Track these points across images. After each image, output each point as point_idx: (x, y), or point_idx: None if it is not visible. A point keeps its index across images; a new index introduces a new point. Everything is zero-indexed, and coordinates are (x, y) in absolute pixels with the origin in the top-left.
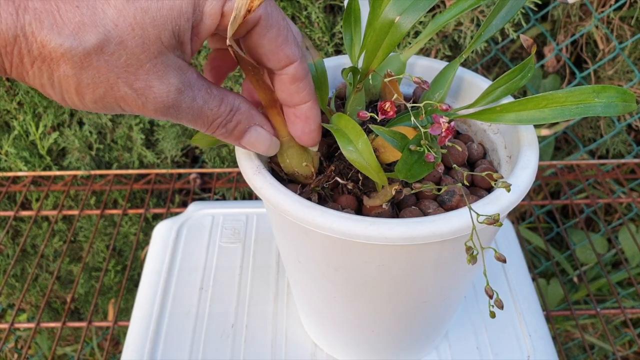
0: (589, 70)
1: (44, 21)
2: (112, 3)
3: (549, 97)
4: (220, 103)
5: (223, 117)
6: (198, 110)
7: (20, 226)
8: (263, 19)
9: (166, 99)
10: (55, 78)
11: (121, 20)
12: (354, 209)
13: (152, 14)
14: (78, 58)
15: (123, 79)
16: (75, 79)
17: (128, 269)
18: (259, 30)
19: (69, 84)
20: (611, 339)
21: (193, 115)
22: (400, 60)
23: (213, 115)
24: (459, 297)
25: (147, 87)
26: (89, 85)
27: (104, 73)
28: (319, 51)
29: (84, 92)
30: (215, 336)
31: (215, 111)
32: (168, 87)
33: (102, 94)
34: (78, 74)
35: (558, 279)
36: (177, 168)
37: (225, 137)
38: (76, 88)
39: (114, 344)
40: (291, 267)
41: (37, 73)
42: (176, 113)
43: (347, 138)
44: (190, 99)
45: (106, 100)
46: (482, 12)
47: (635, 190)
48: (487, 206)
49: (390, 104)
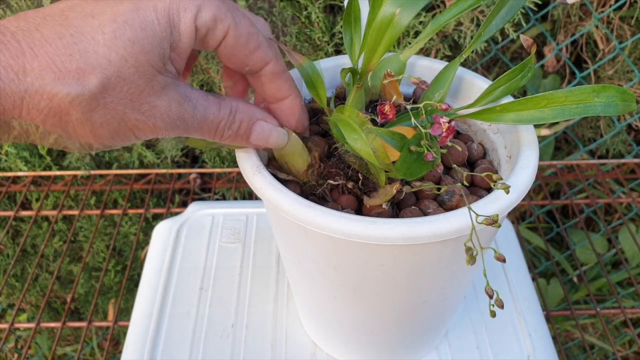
0: (589, 70)
1: (45, 77)
2: (101, 42)
3: (549, 97)
4: (219, 107)
5: (225, 118)
6: (201, 117)
7: (20, 226)
8: (231, 30)
9: (170, 112)
10: (70, 128)
11: (113, 55)
12: (354, 209)
13: (139, 44)
14: (86, 102)
15: (130, 107)
16: (89, 123)
17: (128, 269)
18: (230, 40)
19: (84, 129)
20: (611, 339)
21: (198, 123)
22: (400, 60)
23: (216, 119)
24: (459, 297)
25: (152, 107)
26: (102, 125)
27: (112, 108)
28: (318, 51)
29: (100, 132)
30: (215, 336)
31: (216, 114)
32: (169, 102)
33: (116, 128)
34: (90, 117)
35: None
36: (177, 168)
37: (234, 140)
38: (91, 130)
39: (114, 344)
40: (291, 267)
41: (51, 128)
42: (183, 125)
43: (351, 127)
44: (191, 108)
45: (121, 132)
46: (482, 12)
47: (635, 190)
48: (487, 206)
49: (389, 106)
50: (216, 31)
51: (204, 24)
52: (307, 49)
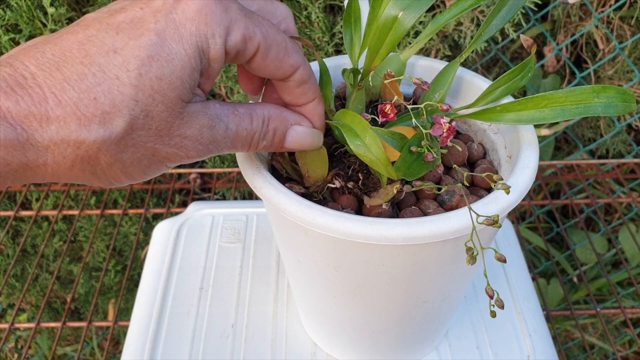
0: (589, 70)
1: (70, 125)
2: (127, 82)
3: (549, 97)
4: (251, 120)
5: (259, 131)
6: (234, 135)
7: (20, 226)
8: (261, 45)
9: (202, 138)
10: (99, 171)
11: (140, 94)
12: (354, 209)
13: (167, 79)
14: (114, 145)
15: (160, 143)
16: (119, 164)
17: (128, 269)
18: (261, 55)
19: (114, 171)
20: (611, 339)
21: (232, 142)
22: (400, 60)
23: (249, 134)
24: (459, 297)
25: (183, 139)
26: (132, 163)
27: (141, 146)
28: (318, 51)
29: (131, 171)
30: (215, 336)
31: (249, 129)
32: (200, 129)
33: (147, 164)
34: (119, 158)
35: (558, 279)
36: (177, 168)
37: (269, 149)
38: (122, 170)
39: (114, 344)
40: (291, 267)
41: (80, 174)
42: (216, 146)
43: (354, 132)
44: (223, 129)
45: (153, 166)
46: (482, 12)
47: (635, 190)
48: (487, 206)
49: (390, 107)
50: (247, 51)
51: (234, 47)
52: (307, 49)
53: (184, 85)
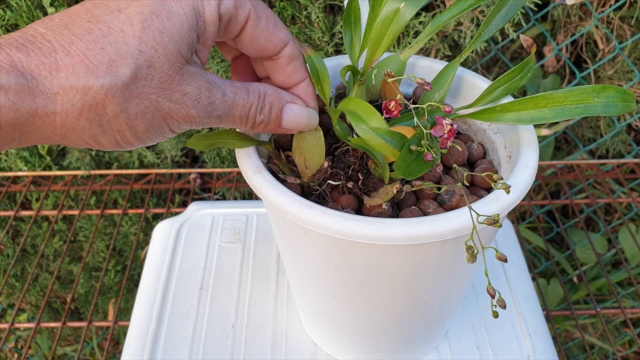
0: (589, 70)
1: (78, 72)
2: (131, 34)
3: (548, 97)
4: (247, 92)
5: (256, 103)
6: (231, 102)
7: (20, 226)
8: (252, 14)
9: (201, 99)
10: (105, 121)
11: (143, 45)
12: (354, 208)
13: (168, 33)
14: (121, 92)
15: (162, 96)
16: (125, 114)
17: (128, 269)
18: (252, 24)
19: (119, 122)
20: (611, 339)
21: (229, 108)
22: (400, 60)
23: (246, 104)
24: (459, 297)
25: (183, 95)
26: (137, 115)
27: (146, 97)
28: (318, 51)
29: (135, 123)
30: (215, 336)
31: (246, 99)
32: (199, 88)
33: (151, 119)
34: (125, 108)
35: (558, 279)
36: (177, 168)
37: (266, 127)
38: (127, 122)
39: (114, 344)
40: (291, 267)
41: (87, 125)
42: (215, 111)
43: (360, 117)
44: (221, 94)
45: (155, 122)
46: (482, 12)
47: (635, 190)
48: (487, 206)
49: (395, 103)
50: (238, 17)
51: (227, 12)
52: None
53: (183, 40)
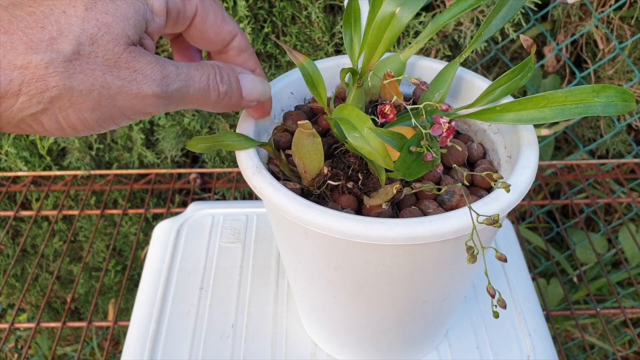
0: (589, 70)
1: (17, 48)
2: (73, 14)
3: (548, 97)
4: (200, 65)
5: (212, 73)
6: (186, 75)
7: (20, 226)
8: (199, 8)
9: (153, 73)
10: (47, 99)
11: (86, 24)
12: (354, 209)
13: (112, 14)
14: (62, 67)
15: (109, 73)
16: (67, 91)
17: (128, 269)
18: (200, 19)
19: (62, 100)
20: (611, 339)
21: (185, 81)
22: (400, 60)
23: (203, 75)
24: (459, 296)
25: (132, 71)
26: (82, 93)
27: (89, 73)
28: (318, 51)
29: (79, 101)
30: (215, 336)
31: (202, 71)
32: (149, 63)
33: (97, 98)
34: (68, 83)
35: (558, 279)
36: (177, 168)
37: (231, 99)
38: (70, 100)
39: (114, 344)
40: (291, 267)
41: (26, 102)
42: (169, 83)
43: (352, 125)
44: (174, 67)
45: (103, 103)
46: (482, 12)
47: (635, 190)
48: (487, 206)
49: (390, 107)
50: (187, 12)
51: (175, 5)
52: (307, 49)
53: (129, 22)
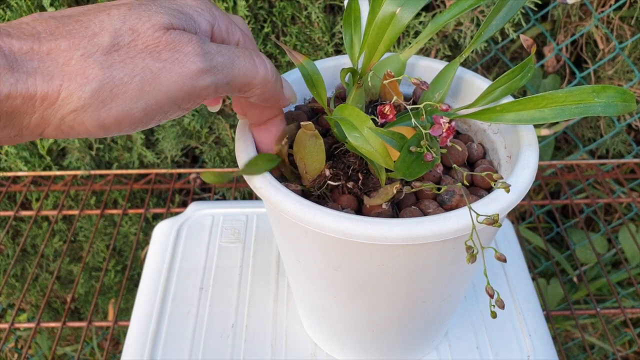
0: (589, 70)
1: (60, 46)
2: (116, 14)
3: (548, 97)
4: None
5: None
6: (228, 51)
7: (20, 226)
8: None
9: (194, 49)
10: (87, 92)
11: (127, 17)
12: (354, 208)
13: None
14: (101, 58)
15: (149, 57)
16: (108, 82)
17: (128, 269)
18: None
19: (103, 91)
20: (611, 339)
21: (229, 56)
22: (400, 60)
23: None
24: (459, 296)
25: (174, 52)
26: (122, 80)
27: (129, 61)
28: (318, 51)
29: (121, 91)
30: (215, 336)
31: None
32: (189, 40)
33: (139, 84)
34: (107, 73)
35: (558, 279)
36: (177, 168)
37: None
38: (111, 90)
39: (114, 344)
40: (291, 267)
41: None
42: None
43: (352, 125)
44: (214, 46)
45: (146, 89)
46: (482, 12)
47: (635, 190)
48: (487, 206)
49: (389, 107)
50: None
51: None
52: (307, 49)
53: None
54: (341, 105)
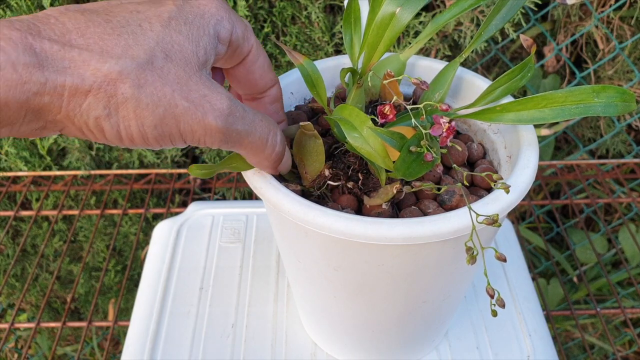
0: (589, 70)
1: (93, 49)
2: (149, 28)
3: (548, 97)
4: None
5: (273, 130)
6: (251, 121)
7: (20, 226)
8: (254, 49)
9: (222, 105)
10: (113, 105)
11: (161, 38)
12: (354, 209)
13: (186, 33)
14: (134, 74)
15: (178, 92)
16: (135, 101)
17: (128, 269)
18: (252, 58)
19: (127, 109)
20: (611, 339)
21: (250, 126)
22: (400, 60)
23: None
24: (459, 296)
25: (202, 97)
26: (148, 106)
27: (160, 88)
28: (318, 51)
29: (145, 115)
30: (215, 336)
31: (265, 123)
32: (220, 94)
33: (162, 115)
34: (137, 94)
35: (558, 279)
36: (177, 168)
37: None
38: (135, 111)
39: (114, 344)
40: (291, 267)
41: (93, 104)
42: (234, 123)
43: (352, 125)
44: (241, 110)
45: (166, 122)
46: (482, 12)
47: (635, 190)
48: (487, 206)
49: (389, 107)
50: (243, 48)
51: (236, 39)
52: (307, 49)
53: (200, 43)
54: (341, 105)
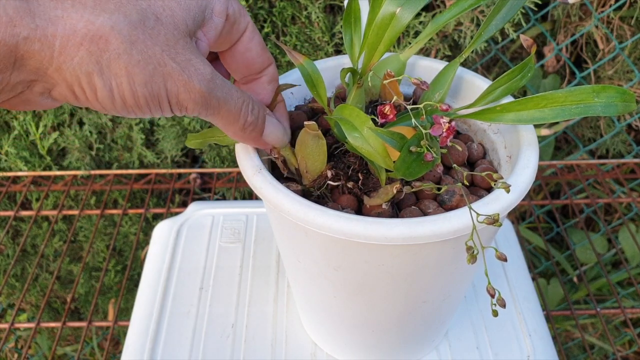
0: (589, 70)
1: (86, 4)
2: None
3: (548, 97)
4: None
5: (247, 101)
6: (228, 90)
7: (20, 226)
8: (250, 26)
9: (205, 73)
10: (105, 60)
11: (152, 1)
12: (354, 208)
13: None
14: (127, 31)
15: (167, 53)
16: (127, 57)
17: (128, 269)
18: (248, 35)
19: (119, 64)
20: (611, 339)
21: (226, 95)
22: (400, 60)
23: (239, 99)
24: (459, 296)
25: (188, 61)
26: (139, 63)
27: (150, 47)
28: (318, 51)
29: (135, 71)
30: (215, 336)
31: (239, 94)
32: (203, 63)
33: (151, 72)
34: (128, 50)
35: (558, 279)
36: (177, 168)
37: (252, 131)
38: (127, 67)
39: (114, 344)
40: (291, 267)
41: (86, 57)
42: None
43: (352, 125)
44: (220, 79)
45: (155, 80)
46: (482, 12)
47: (635, 190)
48: (487, 206)
49: (389, 107)
50: (240, 24)
51: (233, 14)
52: (307, 49)
53: (190, 12)
54: (341, 105)
